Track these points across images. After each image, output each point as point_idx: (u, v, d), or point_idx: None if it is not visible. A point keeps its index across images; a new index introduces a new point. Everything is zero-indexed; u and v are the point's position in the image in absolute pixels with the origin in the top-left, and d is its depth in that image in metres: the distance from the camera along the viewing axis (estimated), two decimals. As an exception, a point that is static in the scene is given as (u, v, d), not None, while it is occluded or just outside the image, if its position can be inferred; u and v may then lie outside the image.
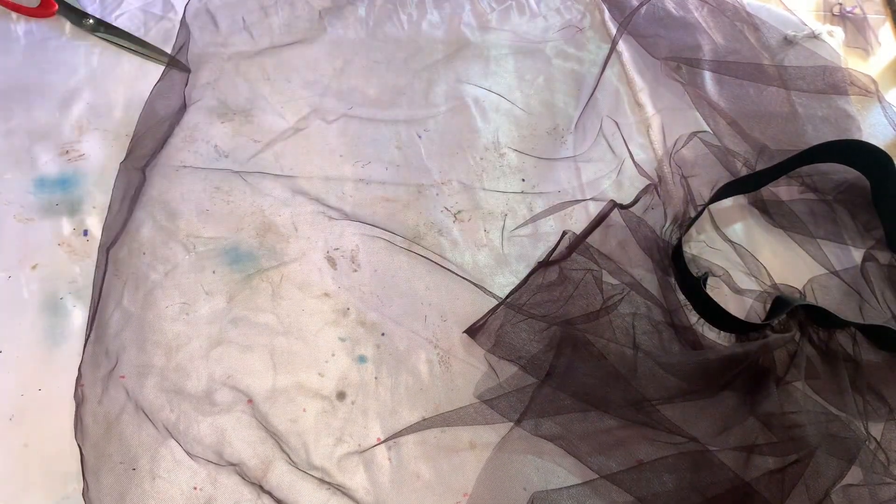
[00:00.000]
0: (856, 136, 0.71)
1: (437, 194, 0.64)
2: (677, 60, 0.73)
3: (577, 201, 0.65)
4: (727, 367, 0.56)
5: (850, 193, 0.69)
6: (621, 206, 0.62)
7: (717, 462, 0.53)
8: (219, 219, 0.60)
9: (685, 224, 0.64)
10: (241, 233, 0.59)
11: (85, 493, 0.47)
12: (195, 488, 0.49)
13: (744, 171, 0.67)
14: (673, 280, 0.62)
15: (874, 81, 0.74)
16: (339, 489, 0.51)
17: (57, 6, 0.65)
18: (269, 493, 0.49)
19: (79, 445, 0.49)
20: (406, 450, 0.53)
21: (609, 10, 0.77)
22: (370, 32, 0.72)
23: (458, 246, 0.62)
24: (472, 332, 0.57)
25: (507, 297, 0.58)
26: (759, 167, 0.67)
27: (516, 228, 0.63)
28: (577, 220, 0.64)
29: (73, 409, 0.50)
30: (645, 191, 0.64)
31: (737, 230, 0.67)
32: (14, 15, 0.66)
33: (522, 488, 0.52)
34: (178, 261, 0.57)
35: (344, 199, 0.62)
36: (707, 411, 0.55)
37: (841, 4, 0.82)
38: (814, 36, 0.77)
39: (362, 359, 0.56)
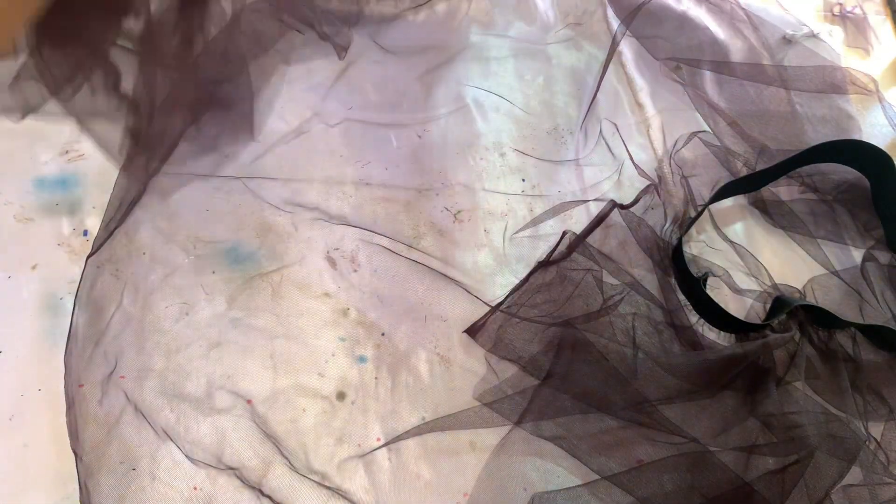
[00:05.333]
0: (856, 136, 0.71)
1: (437, 195, 0.64)
2: (677, 60, 0.73)
3: (578, 202, 0.65)
4: (727, 368, 0.56)
5: (850, 193, 0.69)
6: (621, 206, 0.62)
7: (717, 462, 0.53)
8: (219, 219, 0.60)
9: (685, 224, 0.64)
10: (241, 233, 0.59)
11: (84, 498, 0.47)
12: (195, 488, 0.49)
13: (744, 171, 0.67)
14: (673, 280, 0.62)
15: (874, 81, 0.74)
16: (339, 491, 0.51)
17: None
18: (269, 497, 0.49)
19: (73, 451, 0.49)
20: (406, 450, 0.53)
21: (611, 6, 0.77)
22: (371, 34, 0.72)
23: (458, 246, 0.62)
24: (472, 331, 0.57)
25: (507, 297, 0.58)
26: (760, 167, 0.67)
27: (518, 231, 0.63)
28: (578, 221, 0.65)
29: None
30: (645, 191, 0.64)
31: (737, 230, 0.67)
32: (14, 15, 0.66)
33: (523, 489, 0.52)
34: (178, 262, 0.57)
35: (344, 199, 0.62)
36: (707, 411, 0.55)
37: (841, 4, 0.82)
38: (813, 35, 0.77)
39: (362, 359, 0.56)
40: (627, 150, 0.68)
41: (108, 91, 0.55)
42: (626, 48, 0.75)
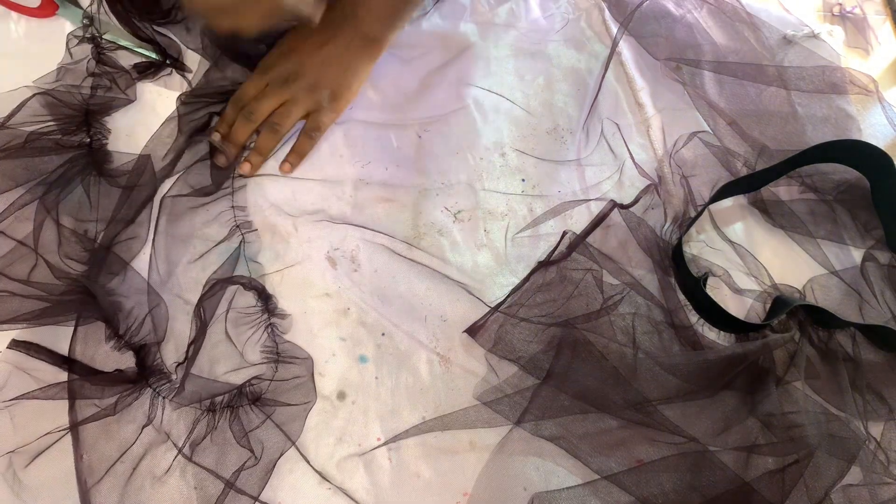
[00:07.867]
0: (856, 136, 0.71)
1: (438, 194, 0.64)
2: (677, 60, 0.73)
3: (579, 202, 0.65)
4: (727, 367, 0.56)
5: (850, 193, 0.69)
6: (621, 206, 0.62)
7: (717, 462, 0.53)
8: (219, 219, 0.60)
9: (685, 224, 0.64)
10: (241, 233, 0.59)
11: (84, 498, 0.47)
12: (195, 488, 0.49)
13: (744, 171, 0.67)
14: (673, 280, 0.62)
15: (874, 81, 0.74)
16: (339, 490, 0.51)
17: (58, 7, 0.65)
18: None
19: (74, 450, 0.49)
20: (406, 450, 0.53)
21: (609, 10, 0.77)
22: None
23: (457, 246, 0.62)
24: (473, 331, 0.57)
25: (507, 297, 0.58)
26: (759, 167, 0.67)
27: (519, 232, 0.63)
28: (578, 221, 0.65)
29: (74, 409, 0.50)
30: (645, 191, 0.64)
31: (737, 230, 0.67)
32: (14, 15, 0.66)
33: (523, 488, 0.52)
34: (179, 261, 0.57)
35: (344, 199, 0.62)
36: (707, 411, 0.55)
37: (841, 4, 0.82)
38: (813, 35, 0.77)
39: (363, 359, 0.56)
40: (628, 150, 0.68)
41: None
42: (626, 48, 0.75)
